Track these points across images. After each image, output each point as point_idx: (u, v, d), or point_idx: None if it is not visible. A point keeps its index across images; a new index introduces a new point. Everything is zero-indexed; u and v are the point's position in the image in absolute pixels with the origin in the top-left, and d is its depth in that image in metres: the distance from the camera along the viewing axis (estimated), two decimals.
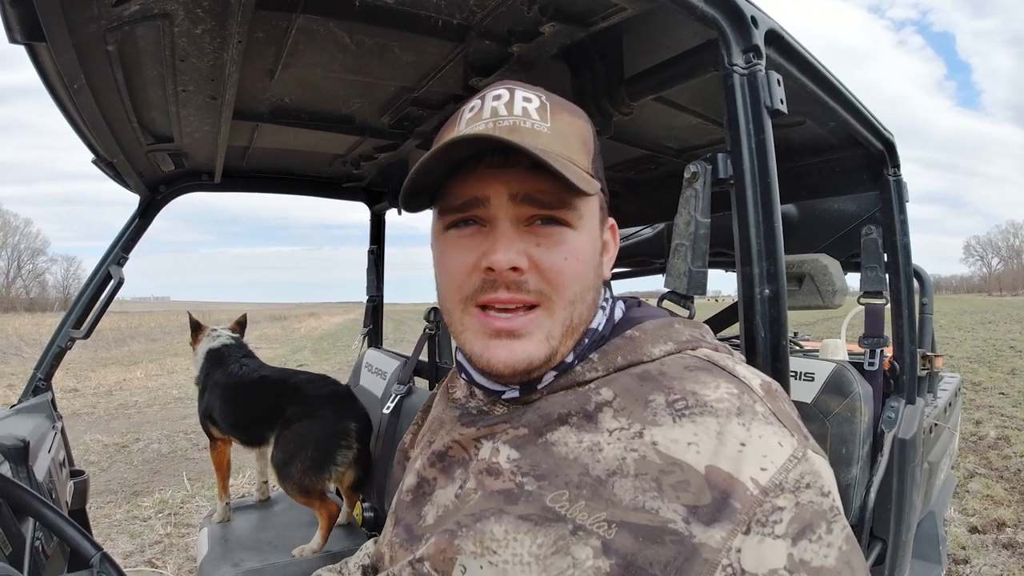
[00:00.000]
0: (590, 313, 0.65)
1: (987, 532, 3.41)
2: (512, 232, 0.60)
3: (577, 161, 0.61)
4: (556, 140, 0.60)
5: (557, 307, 0.61)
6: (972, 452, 4.98)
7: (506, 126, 0.60)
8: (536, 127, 0.60)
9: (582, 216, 0.62)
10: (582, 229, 0.62)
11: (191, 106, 1.35)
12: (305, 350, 16.39)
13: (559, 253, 0.60)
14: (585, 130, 0.65)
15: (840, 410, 1.39)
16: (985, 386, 8.03)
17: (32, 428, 1.23)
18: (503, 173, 0.59)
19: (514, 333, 0.60)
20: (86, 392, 9.19)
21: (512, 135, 0.58)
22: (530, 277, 0.60)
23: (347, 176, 2.27)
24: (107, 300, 1.84)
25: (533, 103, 0.62)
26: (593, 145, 0.65)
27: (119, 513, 3.96)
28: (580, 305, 0.62)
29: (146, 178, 1.85)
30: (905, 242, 1.44)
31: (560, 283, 0.60)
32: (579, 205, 0.61)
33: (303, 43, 1.12)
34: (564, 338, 0.62)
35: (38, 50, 0.88)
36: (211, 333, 2.40)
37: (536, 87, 0.65)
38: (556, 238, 0.60)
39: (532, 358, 0.60)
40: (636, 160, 1.97)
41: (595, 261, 0.64)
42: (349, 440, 2.04)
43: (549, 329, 0.61)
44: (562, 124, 0.62)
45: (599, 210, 0.66)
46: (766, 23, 0.83)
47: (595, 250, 0.64)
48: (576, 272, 0.61)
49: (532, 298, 0.60)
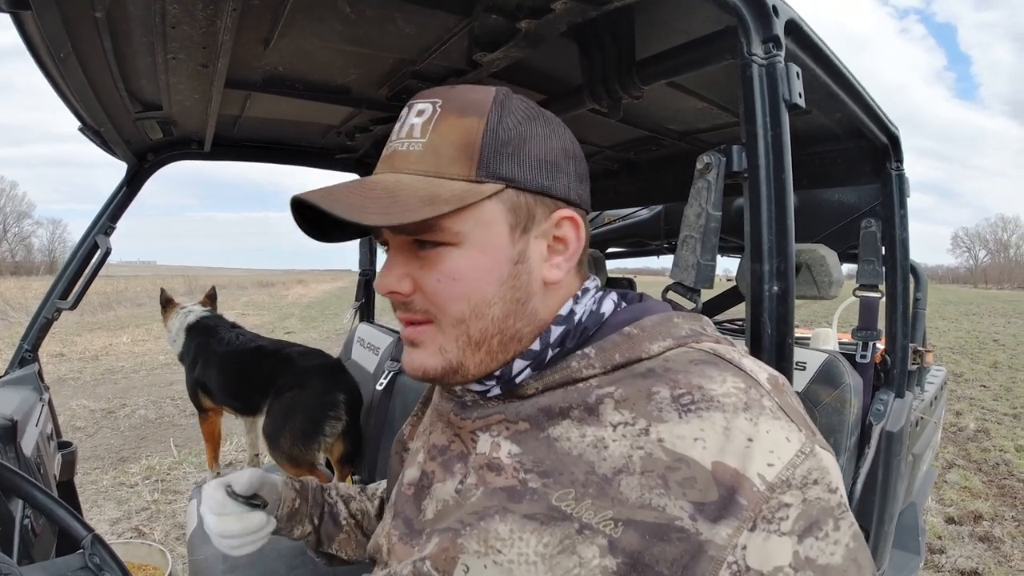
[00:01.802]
0: (505, 325, 0.62)
1: (963, 523, 3.48)
2: (397, 256, 0.62)
3: (449, 172, 0.58)
4: (427, 157, 0.59)
5: (445, 324, 0.61)
6: (952, 443, 5.07)
7: (387, 155, 0.62)
8: (410, 147, 0.60)
9: (458, 232, 0.58)
10: (464, 244, 0.58)
11: (181, 74, 1.30)
12: (292, 317, 16.29)
13: (433, 276, 0.59)
14: (471, 130, 0.59)
15: (830, 401, 1.40)
16: (967, 378, 8.12)
17: (19, 403, 1.21)
18: None
19: (412, 342, 0.64)
20: (72, 357, 9.10)
21: (386, 164, 0.61)
22: (416, 299, 0.61)
23: (340, 147, 2.23)
24: (94, 270, 1.81)
25: (424, 115, 0.60)
26: (482, 144, 0.58)
27: (106, 480, 3.96)
28: (477, 321, 0.60)
29: (134, 146, 1.80)
30: (904, 237, 1.44)
31: (440, 304, 0.60)
32: (445, 224, 0.57)
33: (301, 12, 1.08)
34: (465, 351, 0.61)
35: (23, 18, 0.84)
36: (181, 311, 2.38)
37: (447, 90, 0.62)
38: (432, 260, 0.60)
39: (426, 367, 0.62)
40: (637, 141, 1.94)
41: (496, 272, 0.60)
42: (338, 411, 2.06)
43: (441, 343, 0.62)
44: (441, 133, 0.59)
45: (506, 212, 0.59)
46: (787, 12, 0.80)
47: (493, 261, 0.60)
48: (453, 293, 0.59)
49: (420, 316, 0.62)
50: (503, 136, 0.59)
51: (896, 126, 1.40)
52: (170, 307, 2.40)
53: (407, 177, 0.59)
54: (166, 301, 2.40)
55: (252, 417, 2.27)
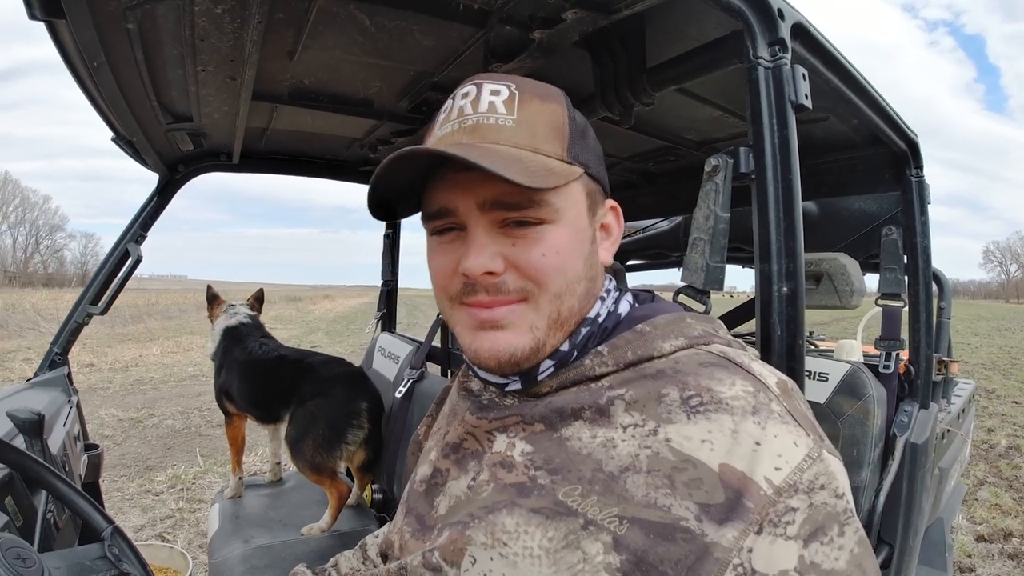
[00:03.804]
0: (583, 304, 0.63)
1: (994, 541, 3.38)
2: (484, 237, 0.59)
3: (545, 150, 0.60)
4: (522, 132, 0.59)
5: (542, 301, 0.60)
6: (983, 460, 4.92)
7: (469, 126, 0.59)
8: (501, 121, 0.59)
9: (558, 209, 0.60)
10: (560, 221, 0.60)
11: (210, 86, 1.35)
12: (319, 331, 16.56)
13: (536, 250, 0.59)
14: (558, 114, 0.62)
15: (853, 412, 1.37)
16: (999, 394, 7.91)
17: (48, 402, 1.25)
18: (469, 178, 0.58)
19: (497, 324, 0.61)
20: (102, 367, 9.35)
21: (473, 135, 0.59)
22: (508, 278, 0.59)
23: (364, 160, 2.28)
24: (124, 277, 1.87)
25: (501, 95, 0.60)
26: (568, 128, 0.62)
27: (132, 487, 4.04)
28: (569, 297, 0.61)
29: (165, 157, 1.87)
30: (926, 244, 1.42)
31: (541, 279, 0.59)
32: (551, 199, 0.59)
33: (323, 25, 1.12)
34: (551, 330, 0.61)
35: (58, 27, 0.88)
36: (228, 309, 2.42)
37: (510, 76, 0.63)
38: (532, 236, 0.59)
39: (515, 349, 0.60)
40: (655, 152, 1.94)
41: (582, 250, 0.63)
42: (360, 419, 2.08)
43: (533, 321, 0.60)
44: (530, 113, 0.60)
45: (585, 195, 0.63)
46: (792, 16, 0.81)
47: (581, 239, 0.62)
48: (558, 266, 0.60)
49: (513, 297, 0.60)
50: (579, 124, 0.64)
51: (915, 132, 1.38)
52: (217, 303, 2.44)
53: (511, 148, 0.58)
54: (212, 297, 2.44)
55: (274, 425, 2.30)
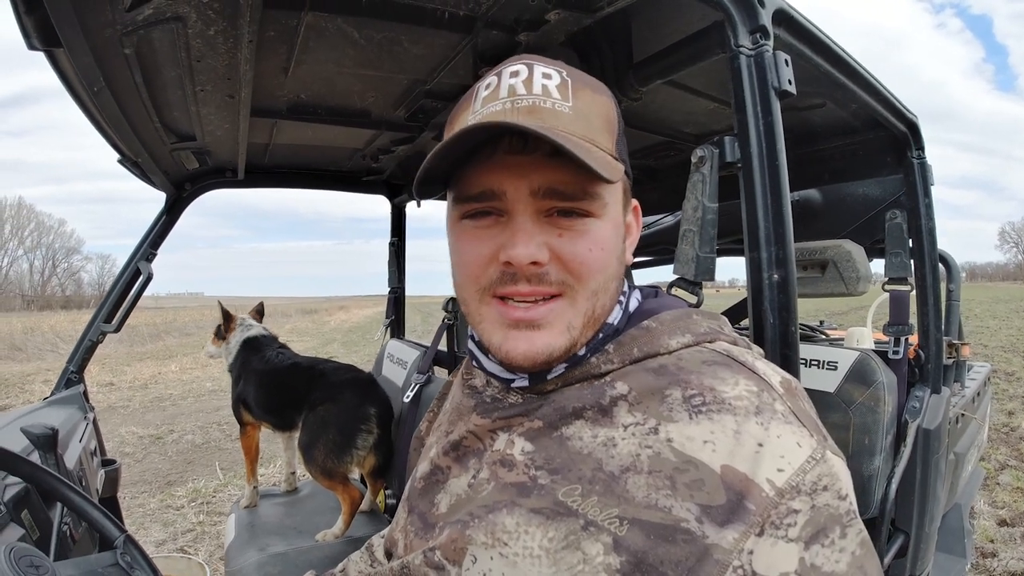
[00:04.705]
0: (612, 303, 0.63)
1: (1016, 525, 3.32)
2: (532, 226, 0.57)
3: (600, 143, 0.58)
4: (578, 121, 0.56)
5: (580, 297, 0.58)
6: (1003, 444, 4.83)
7: (525, 106, 0.56)
8: (557, 107, 0.56)
9: (606, 204, 0.58)
10: (606, 217, 0.59)
11: (210, 105, 1.38)
12: (335, 342, 16.65)
13: (583, 244, 0.57)
14: (609, 108, 0.60)
15: (863, 399, 1.36)
16: (1019, 376, 7.73)
17: (64, 419, 1.28)
18: (522, 162, 0.56)
19: (533, 323, 0.58)
20: (122, 386, 9.49)
21: (531, 117, 0.55)
22: (551, 268, 0.57)
23: (367, 170, 2.30)
24: (137, 295, 1.91)
25: (553, 80, 0.58)
26: (617, 124, 0.61)
27: (153, 503, 4.10)
28: (603, 295, 0.60)
29: (171, 176, 1.91)
30: (930, 226, 1.40)
31: (583, 274, 0.58)
32: (603, 193, 0.58)
33: (313, 40, 1.14)
34: (585, 328, 0.60)
35: (57, 56, 0.91)
36: (243, 323, 2.47)
37: (556, 61, 0.61)
38: (579, 229, 0.57)
39: (552, 349, 0.58)
40: (654, 147, 1.95)
41: (618, 248, 0.62)
42: (369, 424, 2.10)
43: (570, 319, 0.58)
44: (585, 103, 0.58)
45: (623, 194, 0.62)
46: (774, 3, 0.81)
47: (619, 237, 0.62)
48: (601, 262, 0.58)
49: (554, 289, 0.58)
50: (622, 124, 0.63)
51: (914, 114, 1.37)
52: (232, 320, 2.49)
53: (572, 136, 0.55)
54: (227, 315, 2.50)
55: (289, 432, 2.33)
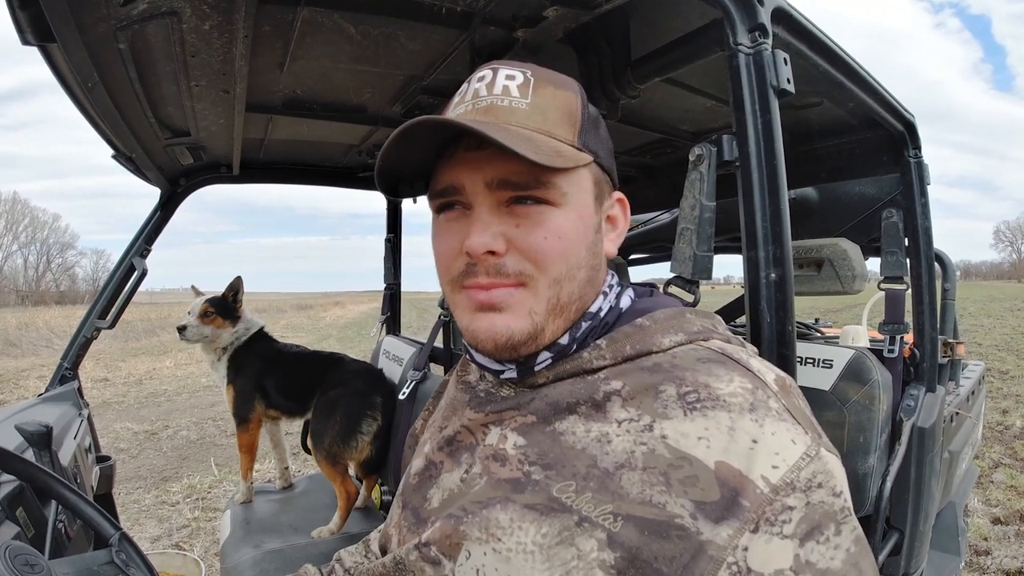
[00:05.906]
0: (584, 291, 0.63)
1: (1010, 523, 3.34)
2: (488, 216, 0.59)
3: (558, 135, 0.60)
4: (534, 116, 0.59)
5: (540, 286, 0.60)
6: (997, 442, 4.86)
7: (483, 107, 0.60)
8: (514, 104, 0.59)
9: (565, 193, 0.59)
10: (566, 206, 0.60)
11: (205, 100, 1.37)
12: (331, 338, 16.62)
13: (539, 233, 0.58)
14: (570, 101, 0.62)
15: (858, 397, 1.36)
16: (1013, 375, 7.77)
17: (58, 415, 1.27)
18: (478, 157, 0.58)
19: (494, 306, 0.60)
20: (116, 382, 9.45)
21: (487, 115, 0.59)
22: (509, 259, 0.59)
23: (363, 166, 2.30)
24: (131, 291, 1.90)
25: (516, 80, 0.61)
26: (581, 116, 0.62)
27: (148, 499, 4.09)
28: (569, 283, 0.61)
29: (166, 172, 1.89)
30: (926, 225, 1.41)
31: (541, 262, 0.59)
32: (558, 182, 0.59)
33: (309, 35, 1.13)
34: (550, 316, 0.61)
35: (51, 51, 0.90)
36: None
37: (527, 63, 0.64)
38: (535, 218, 0.59)
39: (512, 331, 0.60)
40: (651, 144, 1.95)
41: (585, 238, 0.62)
42: (375, 411, 2.16)
43: (532, 306, 0.60)
44: (544, 98, 0.61)
45: (592, 184, 0.63)
46: (773, 1, 0.81)
47: (586, 226, 0.62)
48: (559, 251, 0.59)
49: (511, 281, 0.59)
50: (591, 114, 0.64)
51: (911, 113, 1.37)
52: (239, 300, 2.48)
53: (523, 129, 0.58)
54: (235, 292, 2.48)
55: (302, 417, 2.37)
